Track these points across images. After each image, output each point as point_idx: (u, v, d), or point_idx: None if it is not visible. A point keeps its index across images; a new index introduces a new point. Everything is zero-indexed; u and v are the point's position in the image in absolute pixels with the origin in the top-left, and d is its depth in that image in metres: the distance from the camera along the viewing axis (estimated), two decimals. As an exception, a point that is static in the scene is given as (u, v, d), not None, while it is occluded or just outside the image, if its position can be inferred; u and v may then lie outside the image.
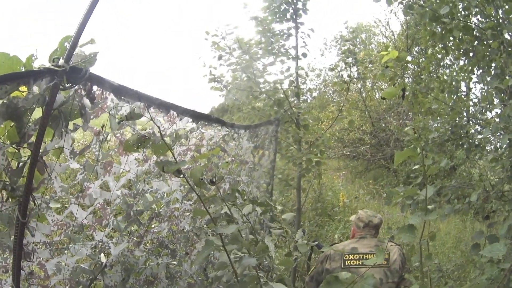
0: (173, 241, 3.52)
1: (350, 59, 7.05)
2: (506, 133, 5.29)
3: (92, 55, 2.02)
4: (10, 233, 2.15)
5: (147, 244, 3.30)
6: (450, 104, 7.38)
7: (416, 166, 6.42)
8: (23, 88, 1.91)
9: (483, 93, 7.33)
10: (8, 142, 2.04)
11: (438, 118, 7.82)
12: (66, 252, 2.56)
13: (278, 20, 7.03)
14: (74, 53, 1.93)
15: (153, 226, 3.33)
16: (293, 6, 7.00)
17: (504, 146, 6.17)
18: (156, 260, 3.32)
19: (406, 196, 3.68)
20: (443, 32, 6.19)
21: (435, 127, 7.75)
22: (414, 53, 17.31)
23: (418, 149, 3.02)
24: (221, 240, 2.51)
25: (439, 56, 8.06)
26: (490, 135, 7.15)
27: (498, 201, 5.78)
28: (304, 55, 7.01)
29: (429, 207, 2.88)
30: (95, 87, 2.16)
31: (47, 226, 2.33)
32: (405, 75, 7.84)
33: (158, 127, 2.38)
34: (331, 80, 21.55)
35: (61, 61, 1.89)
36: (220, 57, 6.78)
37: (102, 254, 2.82)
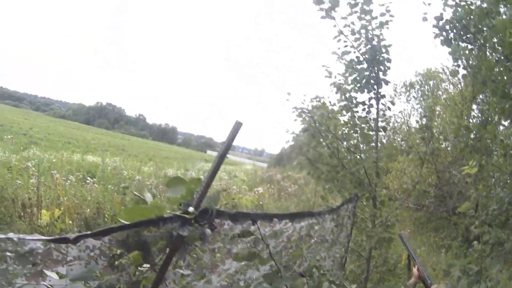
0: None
1: (426, 134, 7.02)
2: None
3: (216, 194, 2.14)
4: None
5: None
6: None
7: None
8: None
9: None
10: (133, 262, 2.17)
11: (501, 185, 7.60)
12: None
13: (359, 89, 7.06)
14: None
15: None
16: (374, 77, 7.02)
17: None
18: None
19: (461, 269, 3.61)
20: (512, 109, 6.12)
21: (495, 197, 7.52)
22: (479, 100, 16.92)
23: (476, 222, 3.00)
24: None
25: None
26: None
27: None
28: (384, 128, 7.02)
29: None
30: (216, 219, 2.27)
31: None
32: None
33: (267, 245, 2.47)
34: (399, 127, 21.31)
35: (191, 209, 2.02)
36: (305, 130, 6.88)
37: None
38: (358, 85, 7.05)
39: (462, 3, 7.76)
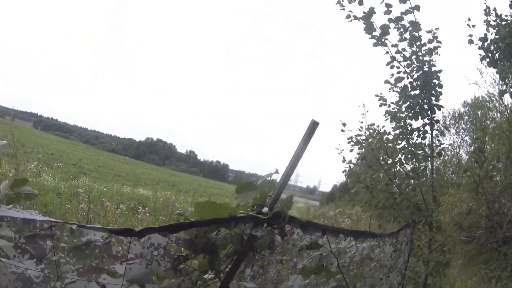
0: None
1: (479, 158, 6.86)
2: None
3: (289, 198, 2.04)
4: None
5: None
6: None
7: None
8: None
9: None
10: (198, 268, 2.05)
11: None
12: None
13: (413, 116, 6.93)
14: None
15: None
16: (427, 103, 6.88)
17: None
18: None
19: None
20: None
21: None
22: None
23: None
24: None
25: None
26: None
27: None
28: (439, 154, 6.89)
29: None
30: (287, 226, 2.17)
31: None
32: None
33: (337, 259, 2.36)
34: (449, 160, 20.84)
35: (265, 209, 1.92)
36: (363, 158, 6.82)
37: None
38: (412, 111, 6.92)
39: (503, 23, 7.65)
